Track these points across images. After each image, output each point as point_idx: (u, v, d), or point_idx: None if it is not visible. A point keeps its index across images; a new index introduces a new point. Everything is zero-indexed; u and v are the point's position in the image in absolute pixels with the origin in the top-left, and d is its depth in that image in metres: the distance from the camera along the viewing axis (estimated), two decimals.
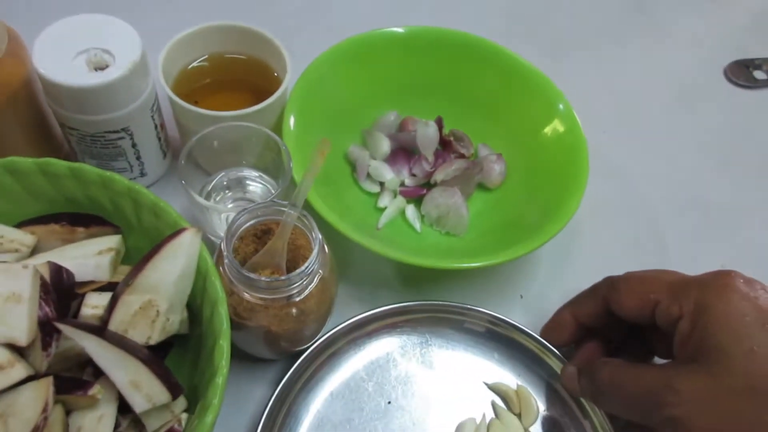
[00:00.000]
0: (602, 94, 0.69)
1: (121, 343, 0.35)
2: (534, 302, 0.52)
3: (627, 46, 0.75)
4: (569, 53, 0.73)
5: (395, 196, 0.55)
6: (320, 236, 0.39)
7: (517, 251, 0.46)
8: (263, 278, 0.37)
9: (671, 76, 0.73)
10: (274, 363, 0.46)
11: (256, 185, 0.50)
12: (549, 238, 0.47)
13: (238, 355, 0.46)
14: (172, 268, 0.38)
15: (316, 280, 0.40)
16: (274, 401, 0.43)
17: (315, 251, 0.38)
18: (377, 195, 0.55)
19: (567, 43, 0.74)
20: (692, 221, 0.60)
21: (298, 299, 0.39)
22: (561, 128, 0.54)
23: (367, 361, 0.47)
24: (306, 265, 0.37)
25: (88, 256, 0.40)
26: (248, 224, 0.40)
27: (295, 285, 0.38)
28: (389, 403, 0.45)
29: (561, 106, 0.55)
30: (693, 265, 0.55)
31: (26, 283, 0.34)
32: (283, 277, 0.37)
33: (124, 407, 0.36)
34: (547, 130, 0.55)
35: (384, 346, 0.48)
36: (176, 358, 0.41)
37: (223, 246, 0.38)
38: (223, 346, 0.36)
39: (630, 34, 0.76)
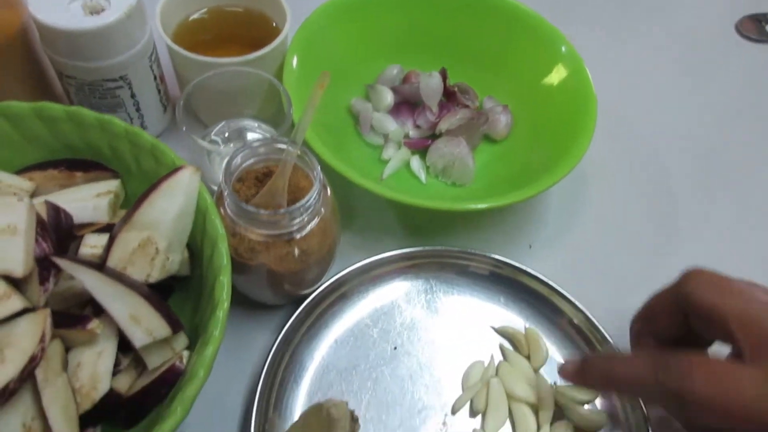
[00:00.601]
0: (612, 49, 0.68)
1: (120, 277, 0.35)
2: (542, 252, 0.51)
3: (637, 1, 0.74)
4: (576, 8, 0.72)
5: (399, 148, 0.54)
6: (321, 174, 0.38)
7: (524, 193, 0.45)
8: (263, 211, 0.36)
9: (683, 31, 0.71)
10: (278, 310, 0.46)
11: (257, 136, 0.50)
12: (559, 178, 0.46)
13: (242, 301, 0.45)
14: (171, 205, 0.37)
15: (317, 219, 0.39)
16: (277, 348, 0.42)
17: (316, 186, 0.37)
18: (381, 147, 0.54)
19: None
20: (703, 175, 0.58)
21: (298, 236, 0.39)
22: (565, 72, 0.53)
23: (372, 308, 0.46)
24: (306, 198, 0.37)
25: (87, 199, 0.40)
26: (248, 163, 0.40)
27: (295, 221, 0.38)
28: (395, 348, 0.45)
29: (564, 49, 0.53)
30: (703, 220, 0.55)
31: (21, 216, 0.33)
32: (282, 210, 0.36)
33: (124, 346, 0.36)
34: (552, 75, 0.54)
35: (388, 293, 0.47)
36: (178, 303, 0.41)
37: (222, 183, 0.38)
38: (224, 281, 0.35)
39: None
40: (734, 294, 0.35)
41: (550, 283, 0.46)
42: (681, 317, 0.37)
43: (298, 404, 0.42)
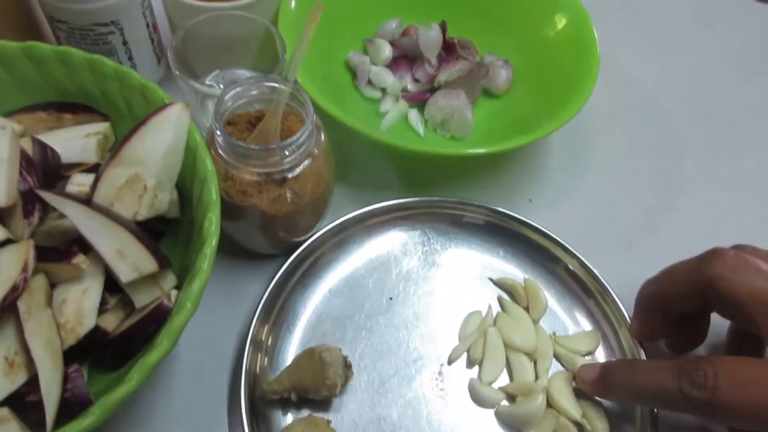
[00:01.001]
0: (617, 5, 0.66)
1: (106, 212, 0.34)
2: (543, 207, 0.50)
3: None
4: None
5: (397, 101, 0.53)
6: (314, 113, 0.37)
7: (524, 139, 0.44)
8: (254, 146, 0.35)
9: None
10: (273, 260, 0.45)
11: None
12: (560, 125, 0.45)
13: (236, 251, 0.44)
14: (159, 141, 0.36)
15: (309, 160, 0.38)
16: (269, 294, 0.41)
17: (308, 122, 0.36)
18: (379, 101, 0.53)
19: None
20: (708, 132, 0.57)
21: (290, 176, 0.38)
22: (566, 21, 0.52)
23: (367, 258, 0.45)
24: (299, 133, 0.36)
25: (75, 139, 0.39)
26: (239, 103, 0.39)
27: (287, 159, 0.37)
28: (390, 299, 0.44)
29: None
30: (705, 175, 0.53)
31: (4, 146, 0.33)
32: (274, 145, 0.36)
33: (113, 287, 0.35)
34: (553, 25, 0.52)
35: (384, 243, 0.46)
36: (168, 247, 0.40)
37: (212, 121, 0.37)
38: (213, 217, 0.34)
39: None
40: (762, 279, 0.33)
41: (550, 233, 0.45)
42: (697, 300, 0.36)
43: (291, 352, 0.41)
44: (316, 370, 0.37)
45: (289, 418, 0.39)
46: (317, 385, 0.37)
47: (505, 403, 0.40)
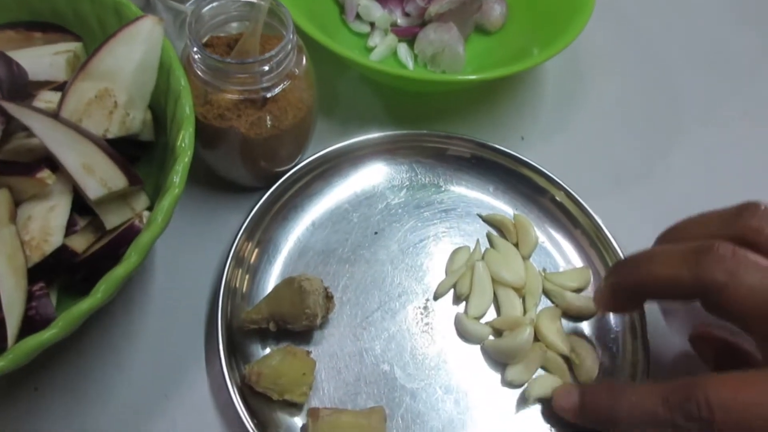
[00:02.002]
0: None
1: (73, 125, 0.32)
2: (535, 145, 0.48)
3: None
4: None
5: (386, 35, 0.51)
6: (294, 29, 0.35)
7: (515, 68, 0.42)
8: (231, 60, 0.34)
9: None
10: (254, 193, 0.43)
11: None
12: (553, 53, 0.43)
13: (216, 183, 0.43)
14: (130, 54, 0.34)
15: (289, 82, 0.36)
16: (248, 224, 0.40)
17: (287, 37, 0.34)
18: (367, 35, 0.51)
19: None
20: (708, 76, 0.55)
21: (269, 96, 0.36)
22: None
23: (352, 192, 0.44)
24: (278, 48, 0.34)
25: (43, 56, 0.37)
26: (216, 20, 0.37)
27: (266, 75, 0.35)
28: (376, 233, 0.42)
29: None
30: (703, 117, 0.52)
31: None
32: (251, 59, 0.34)
33: (82, 209, 0.34)
34: None
35: (370, 177, 0.44)
36: (142, 173, 0.38)
37: (188, 38, 0.35)
38: (186, 134, 0.33)
39: None
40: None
41: (541, 168, 0.43)
42: (689, 300, 0.31)
43: (271, 283, 0.40)
44: (295, 299, 0.36)
45: (268, 349, 0.37)
46: (296, 314, 0.35)
47: (491, 338, 0.39)
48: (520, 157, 0.44)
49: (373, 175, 0.44)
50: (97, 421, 0.35)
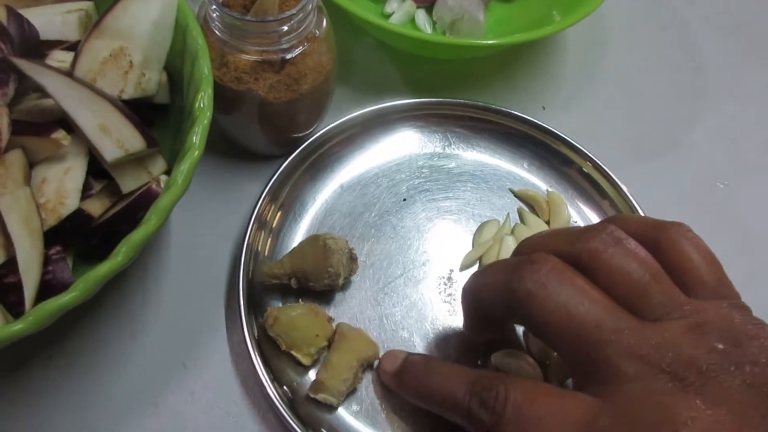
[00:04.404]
0: None
1: (88, 85, 0.31)
2: (557, 114, 0.47)
3: None
4: None
5: (404, 1, 0.49)
6: None
7: (536, 34, 0.41)
8: (250, 18, 0.32)
9: None
10: (272, 160, 0.42)
11: None
12: (575, 21, 0.42)
13: (233, 152, 0.42)
14: (146, 13, 0.33)
15: (308, 44, 0.35)
16: (275, 181, 0.39)
17: None
18: (384, 1, 0.50)
19: None
20: (734, 47, 0.53)
21: (289, 57, 0.35)
22: None
23: (383, 158, 0.43)
24: (299, 5, 0.33)
25: (55, 15, 0.36)
26: None
27: (285, 38, 0.34)
28: (404, 200, 0.41)
29: None
30: (729, 91, 0.50)
31: None
32: (271, 18, 0.32)
33: (98, 173, 0.32)
34: None
35: (402, 143, 0.43)
36: (158, 137, 0.37)
37: None
38: (204, 95, 0.32)
39: None
40: (577, 301, 0.26)
41: (577, 145, 0.42)
42: (506, 312, 0.29)
43: (295, 242, 0.39)
44: (318, 256, 0.35)
45: None
46: (319, 272, 0.35)
47: None
48: (556, 131, 0.42)
49: (405, 141, 0.43)
50: (112, 390, 0.35)
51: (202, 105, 0.31)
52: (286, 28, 0.33)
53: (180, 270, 0.39)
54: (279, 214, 0.39)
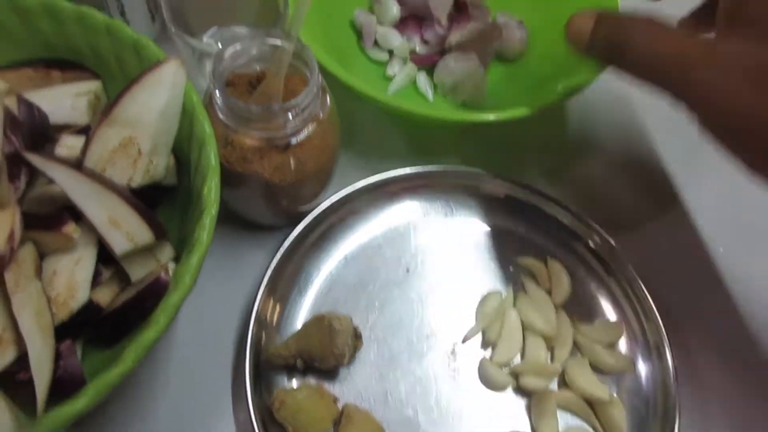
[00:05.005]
0: None
1: (98, 177, 0.32)
2: (561, 179, 0.47)
3: None
4: None
5: (405, 64, 0.50)
6: (319, 73, 0.35)
7: (538, 103, 0.42)
8: (255, 107, 0.33)
9: None
10: (276, 231, 0.42)
11: None
12: (578, 88, 0.42)
13: (237, 223, 0.42)
14: (154, 101, 0.33)
15: (314, 125, 0.36)
16: (281, 256, 0.39)
17: (312, 82, 0.34)
18: (385, 63, 0.50)
19: None
20: None
21: (294, 141, 0.35)
22: None
23: (385, 226, 0.43)
24: (303, 94, 0.33)
25: (64, 98, 0.36)
26: (238, 62, 0.36)
27: (290, 122, 0.34)
28: (407, 271, 0.42)
29: None
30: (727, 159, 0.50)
31: None
32: (276, 106, 0.33)
33: (106, 259, 0.33)
34: None
35: (403, 212, 0.44)
36: (164, 216, 0.37)
37: (210, 81, 0.34)
38: (212, 184, 0.32)
39: None
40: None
41: (576, 211, 0.42)
42: None
43: (301, 318, 0.39)
44: (324, 337, 0.36)
45: (294, 385, 0.37)
46: (325, 353, 0.35)
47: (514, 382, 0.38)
48: (554, 197, 0.43)
49: (408, 210, 0.44)
50: None
51: (209, 197, 0.32)
52: (291, 116, 0.34)
53: (186, 343, 0.39)
54: (284, 289, 0.40)
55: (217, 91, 0.34)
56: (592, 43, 0.36)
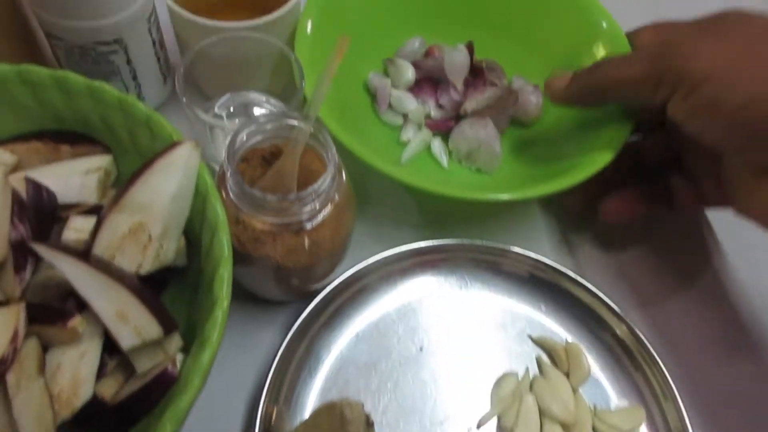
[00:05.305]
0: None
1: (106, 268, 0.31)
2: (582, 253, 0.46)
3: None
4: None
5: (420, 129, 0.49)
6: (336, 156, 0.34)
7: (556, 185, 0.41)
8: (270, 197, 0.32)
9: None
10: (285, 306, 0.41)
11: (264, 111, 0.45)
12: (594, 170, 0.41)
13: (246, 297, 0.41)
14: (166, 185, 0.32)
15: (330, 207, 0.35)
16: (292, 336, 0.38)
17: (330, 169, 0.33)
18: (399, 128, 0.50)
19: None
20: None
21: (309, 226, 0.34)
22: (604, 51, 0.48)
23: (399, 303, 0.42)
24: (320, 182, 0.32)
25: (73, 175, 0.35)
26: (253, 141, 0.35)
27: (306, 208, 0.33)
28: (421, 349, 0.40)
29: (604, 24, 0.48)
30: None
31: None
32: (291, 196, 0.32)
33: (111, 347, 0.32)
34: (590, 54, 0.49)
35: (417, 287, 0.43)
36: (173, 297, 0.36)
37: (225, 163, 0.33)
38: (224, 275, 0.31)
39: None
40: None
41: (597, 293, 0.41)
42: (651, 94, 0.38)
43: (311, 400, 0.38)
44: (335, 427, 0.34)
45: None
46: None
47: None
48: (576, 278, 0.42)
49: (421, 285, 0.43)
50: None
51: (222, 291, 0.30)
52: (306, 202, 0.33)
53: (193, 423, 0.38)
54: (294, 369, 0.39)
55: (230, 175, 0.33)
56: (568, 91, 0.42)
